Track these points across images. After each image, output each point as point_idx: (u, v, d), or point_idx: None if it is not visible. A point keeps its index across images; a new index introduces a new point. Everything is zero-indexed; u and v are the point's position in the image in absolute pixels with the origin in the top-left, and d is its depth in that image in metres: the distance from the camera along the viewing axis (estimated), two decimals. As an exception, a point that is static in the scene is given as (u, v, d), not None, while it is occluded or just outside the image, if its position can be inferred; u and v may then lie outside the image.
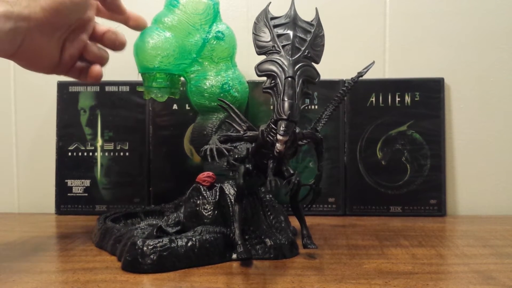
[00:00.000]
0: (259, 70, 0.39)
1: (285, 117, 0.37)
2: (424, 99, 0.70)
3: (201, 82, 0.58)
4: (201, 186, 0.48)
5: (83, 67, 0.54)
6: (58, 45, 0.50)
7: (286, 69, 0.38)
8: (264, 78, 0.40)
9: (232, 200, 0.47)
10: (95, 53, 0.53)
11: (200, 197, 0.48)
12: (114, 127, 0.72)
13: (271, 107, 0.70)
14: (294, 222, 0.50)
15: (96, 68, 0.53)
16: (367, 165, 0.70)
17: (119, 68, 0.75)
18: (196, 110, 0.60)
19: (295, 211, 0.47)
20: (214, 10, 0.59)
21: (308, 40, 0.40)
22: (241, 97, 0.59)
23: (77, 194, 0.72)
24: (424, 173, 0.70)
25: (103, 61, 0.54)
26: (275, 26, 0.41)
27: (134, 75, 0.62)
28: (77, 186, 0.72)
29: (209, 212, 0.47)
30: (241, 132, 0.45)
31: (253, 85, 0.68)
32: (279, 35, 0.40)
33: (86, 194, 0.72)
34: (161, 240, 0.42)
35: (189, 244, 0.43)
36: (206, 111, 0.59)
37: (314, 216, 0.68)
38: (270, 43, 0.40)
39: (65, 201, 0.72)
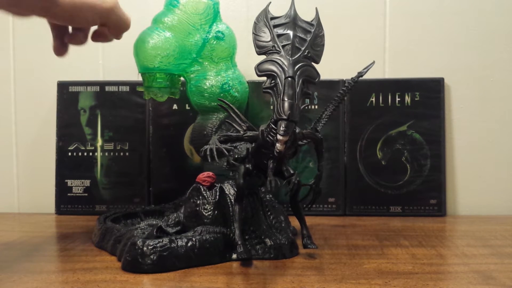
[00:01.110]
0: (259, 70, 0.39)
1: (285, 117, 0.37)
2: (424, 99, 0.70)
3: (201, 82, 0.58)
4: (201, 186, 0.48)
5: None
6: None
7: (286, 69, 0.38)
8: (264, 78, 0.40)
9: (232, 200, 0.47)
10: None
11: (200, 197, 0.48)
12: (114, 127, 0.72)
13: (271, 107, 0.70)
14: (294, 222, 0.50)
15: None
16: (367, 165, 0.70)
17: (119, 68, 0.76)
18: (196, 110, 0.60)
19: (295, 211, 0.47)
20: (214, 10, 0.59)
21: (308, 40, 0.40)
22: (241, 97, 0.59)
23: (77, 194, 0.72)
24: (424, 173, 0.70)
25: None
26: (275, 26, 0.41)
27: (134, 75, 0.63)
28: (77, 186, 0.72)
29: (209, 212, 0.46)
30: (241, 132, 0.45)
31: (253, 85, 0.68)
32: (279, 35, 0.40)
33: (86, 194, 0.72)
34: (161, 240, 0.42)
35: (189, 244, 0.43)
36: (206, 111, 0.59)
37: (314, 216, 0.68)
38: (270, 43, 0.40)
39: (65, 201, 0.72)
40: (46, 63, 0.78)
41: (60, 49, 0.51)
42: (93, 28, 0.51)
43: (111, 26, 0.49)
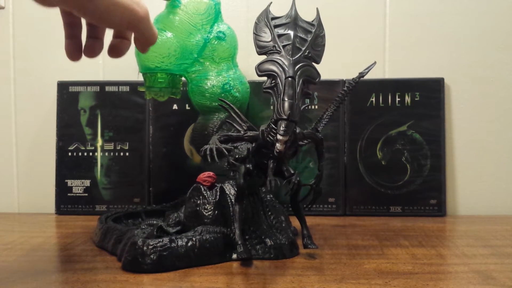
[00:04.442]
0: (259, 70, 0.40)
1: (285, 117, 0.37)
2: (424, 99, 0.70)
3: (202, 82, 0.58)
4: (201, 186, 0.48)
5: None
6: None
7: (286, 69, 0.38)
8: (265, 78, 0.40)
9: (233, 200, 0.47)
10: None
11: (201, 197, 0.48)
12: (114, 127, 0.72)
13: (271, 107, 0.70)
14: (295, 222, 0.50)
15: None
16: (367, 165, 0.70)
17: (119, 68, 0.76)
18: (197, 110, 0.60)
19: (295, 211, 0.47)
20: (215, 10, 0.59)
21: (308, 40, 0.40)
22: (242, 97, 0.59)
23: (77, 194, 0.72)
24: (424, 173, 0.70)
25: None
26: (276, 26, 0.41)
27: (134, 75, 0.62)
28: (77, 186, 0.72)
29: (210, 212, 0.47)
30: (242, 132, 0.45)
31: (253, 85, 0.68)
32: (279, 35, 0.40)
33: (86, 194, 0.72)
34: (161, 240, 0.42)
35: (189, 244, 0.43)
36: (207, 111, 0.59)
37: (314, 216, 0.68)
38: (271, 43, 0.40)
39: (65, 201, 0.72)
40: (46, 63, 0.78)
41: (74, 53, 0.48)
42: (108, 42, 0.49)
43: (138, 35, 0.47)
